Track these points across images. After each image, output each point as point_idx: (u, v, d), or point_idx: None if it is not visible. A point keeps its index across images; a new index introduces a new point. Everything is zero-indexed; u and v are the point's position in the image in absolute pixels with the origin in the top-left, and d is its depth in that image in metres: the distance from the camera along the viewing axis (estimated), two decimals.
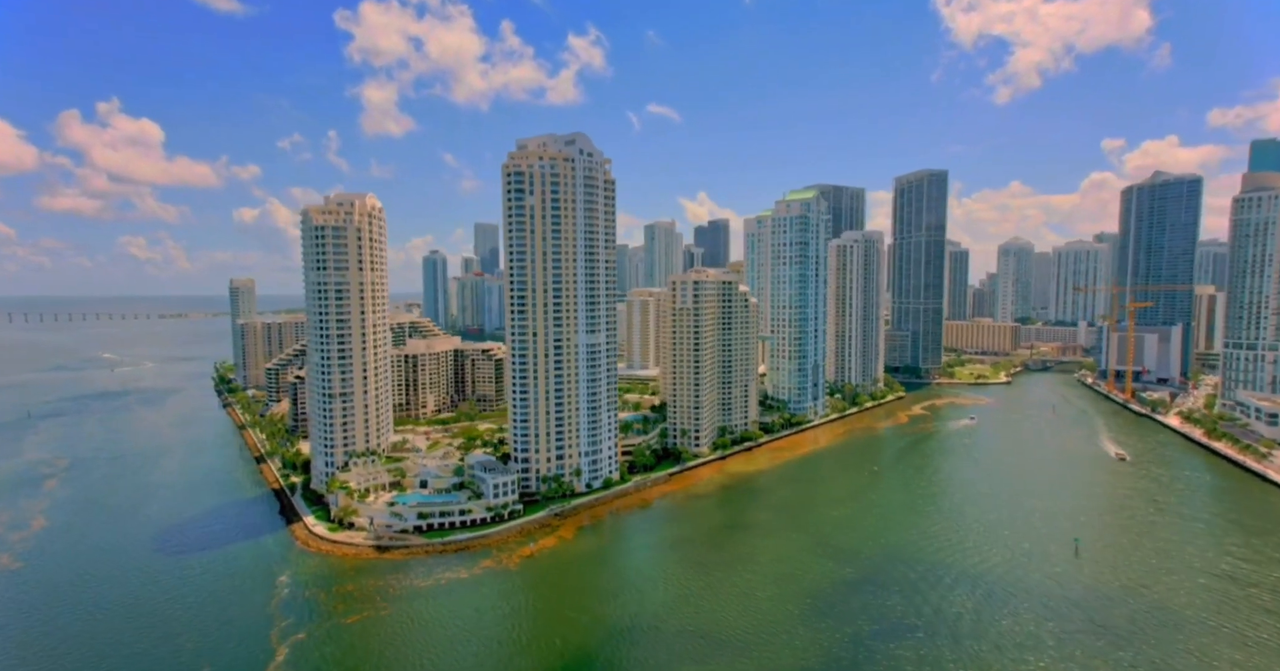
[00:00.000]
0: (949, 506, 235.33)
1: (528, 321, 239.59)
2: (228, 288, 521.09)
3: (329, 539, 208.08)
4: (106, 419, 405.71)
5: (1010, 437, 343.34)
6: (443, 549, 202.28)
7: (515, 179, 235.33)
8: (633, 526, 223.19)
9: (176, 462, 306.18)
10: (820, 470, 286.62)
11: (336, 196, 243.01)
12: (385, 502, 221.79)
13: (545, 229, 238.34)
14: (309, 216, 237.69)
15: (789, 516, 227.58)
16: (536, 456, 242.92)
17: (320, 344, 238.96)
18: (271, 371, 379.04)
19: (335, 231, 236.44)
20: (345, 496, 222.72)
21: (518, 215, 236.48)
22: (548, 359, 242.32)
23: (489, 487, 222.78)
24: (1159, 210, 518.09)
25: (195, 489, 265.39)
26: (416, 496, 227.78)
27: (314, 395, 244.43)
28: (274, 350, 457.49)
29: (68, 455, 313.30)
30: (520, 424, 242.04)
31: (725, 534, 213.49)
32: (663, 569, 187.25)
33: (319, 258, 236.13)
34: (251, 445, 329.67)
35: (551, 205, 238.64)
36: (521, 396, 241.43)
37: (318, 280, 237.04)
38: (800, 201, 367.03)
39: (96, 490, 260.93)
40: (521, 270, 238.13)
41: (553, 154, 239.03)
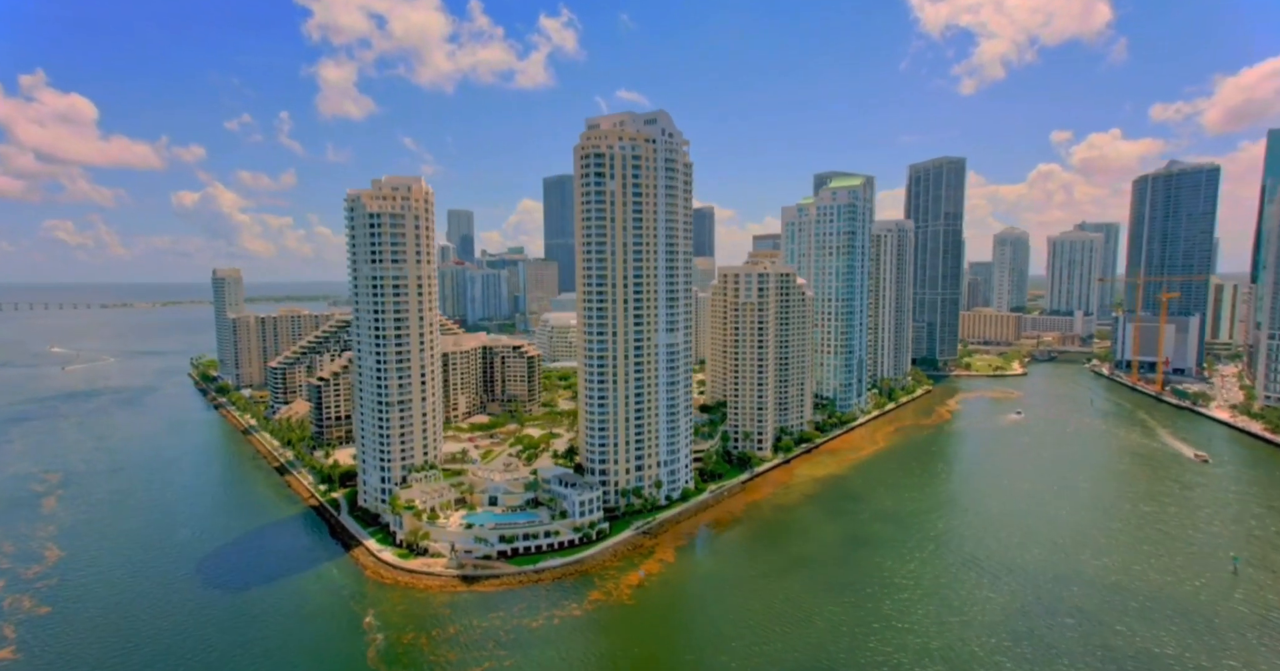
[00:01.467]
0: (1068, 516, 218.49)
1: (607, 320, 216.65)
2: (210, 278, 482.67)
3: (403, 567, 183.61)
4: (84, 423, 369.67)
5: (1068, 435, 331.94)
6: (537, 578, 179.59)
7: (594, 161, 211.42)
8: (736, 544, 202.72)
9: (186, 475, 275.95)
10: (900, 473, 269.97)
11: (389, 181, 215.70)
12: (458, 524, 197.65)
13: (626, 217, 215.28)
14: (360, 203, 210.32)
15: (903, 527, 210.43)
16: (615, 468, 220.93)
17: (375, 346, 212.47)
18: (277, 370, 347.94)
19: (393, 219, 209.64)
20: (412, 517, 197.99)
21: (597, 202, 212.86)
22: (627, 361, 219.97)
23: (573, 505, 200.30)
24: (1175, 199, 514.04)
25: (221, 507, 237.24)
26: (490, 516, 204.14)
27: (366, 403, 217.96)
28: (269, 346, 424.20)
29: (56, 468, 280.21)
30: (598, 432, 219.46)
31: (846, 550, 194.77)
32: (799, 597, 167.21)
33: (374, 249, 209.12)
34: (264, 453, 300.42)
35: (633, 191, 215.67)
36: (599, 402, 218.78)
37: (372, 274, 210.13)
38: (847, 189, 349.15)
39: (107, 511, 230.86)
40: (601, 263, 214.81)
41: (632, 134, 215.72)
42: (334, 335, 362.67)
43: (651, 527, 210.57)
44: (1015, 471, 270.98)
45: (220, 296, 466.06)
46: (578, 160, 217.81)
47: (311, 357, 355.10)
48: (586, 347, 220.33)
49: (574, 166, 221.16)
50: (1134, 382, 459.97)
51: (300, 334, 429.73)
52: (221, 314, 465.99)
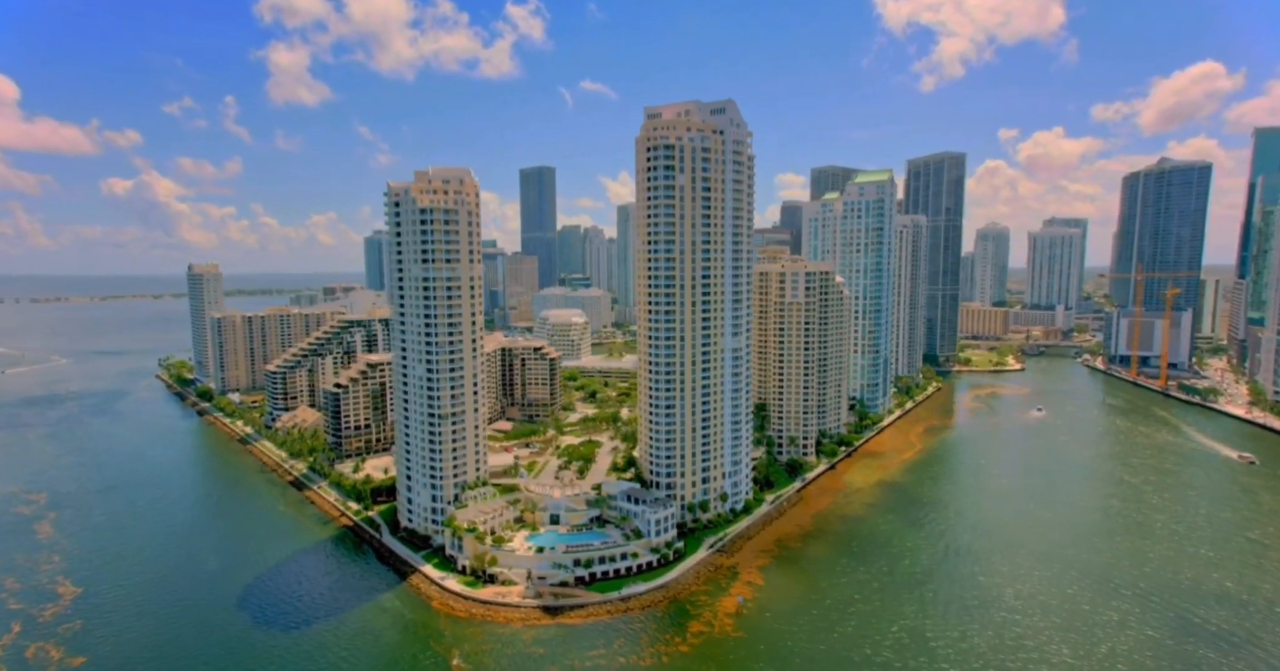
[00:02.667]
0: (1161, 528, 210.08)
1: (675, 324, 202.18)
2: (186, 273, 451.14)
3: (475, 598, 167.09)
4: (56, 434, 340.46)
5: (1099, 433, 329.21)
6: (625, 607, 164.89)
7: (663, 154, 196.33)
8: (824, 562, 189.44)
9: (191, 492, 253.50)
10: (954, 476, 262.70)
11: (437, 172, 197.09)
12: (525, 546, 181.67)
13: (695, 214, 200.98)
14: (410, 197, 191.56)
15: (990, 537, 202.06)
16: (682, 481, 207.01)
17: (426, 354, 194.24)
18: (276, 375, 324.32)
19: (446, 216, 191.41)
20: (474, 540, 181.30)
21: (665, 197, 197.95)
22: (694, 367, 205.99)
23: (648, 524, 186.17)
24: (1167, 196, 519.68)
25: (242, 529, 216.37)
26: (554, 536, 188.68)
27: (414, 415, 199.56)
28: (257, 348, 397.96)
29: (40, 487, 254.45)
30: (664, 444, 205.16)
31: (949, 565, 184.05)
32: (918, 623, 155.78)
33: (425, 247, 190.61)
34: (271, 465, 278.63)
35: (703, 186, 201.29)
36: (666, 411, 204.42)
37: (424, 276, 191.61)
38: (875, 184, 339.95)
39: (113, 537, 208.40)
40: (669, 263, 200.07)
41: (699, 125, 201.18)
42: (335, 336, 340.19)
43: (725, 544, 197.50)
44: (1071, 475, 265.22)
45: (198, 294, 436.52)
46: (641, 152, 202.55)
47: (313, 360, 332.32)
48: (651, 353, 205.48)
49: (636, 158, 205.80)
50: (1134, 378, 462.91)
51: (290, 334, 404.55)
52: (199, 312, 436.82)
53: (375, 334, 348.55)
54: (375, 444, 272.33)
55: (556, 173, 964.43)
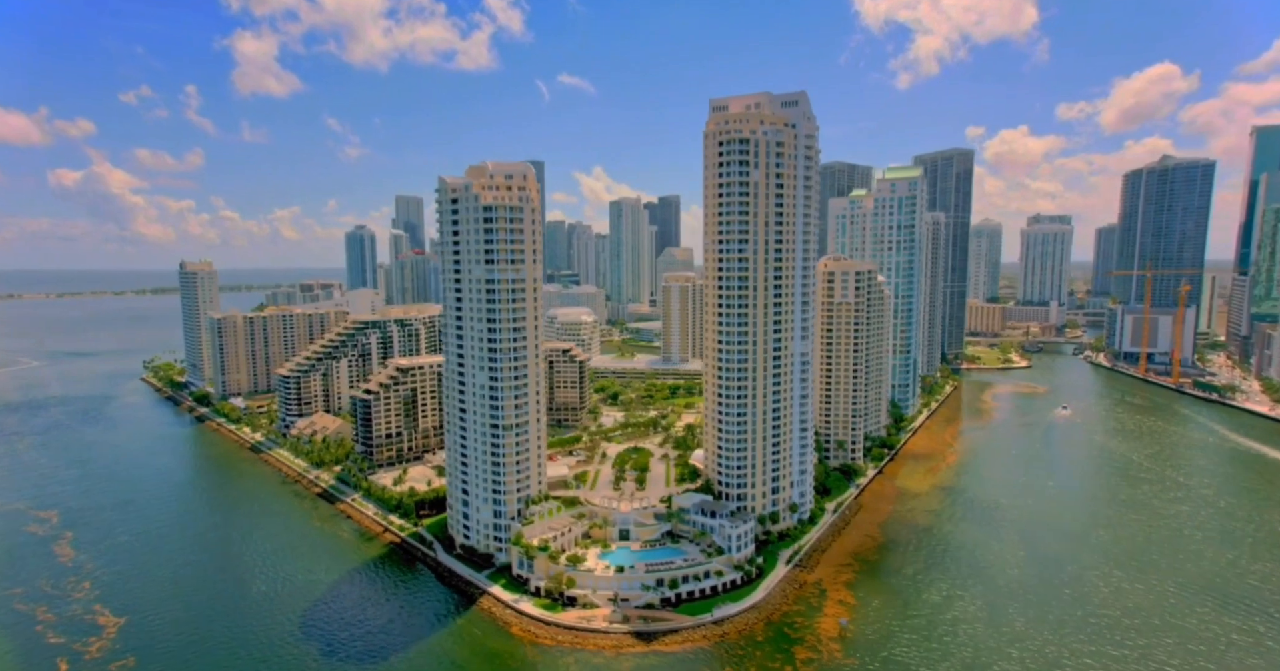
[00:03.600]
0: (1254, 533, 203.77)
1: (747, 327, 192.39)
2: (178, 271, 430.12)
3: (558, 623, 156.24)
4: (49, 444, 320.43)
5: (1131, 433, 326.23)
6: (722, 632, 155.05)
7: (737, 148, 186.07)
8: (913, 576, 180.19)
9: (214, 507, 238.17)
10: (1009, 478, 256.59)
11: (497, 167, 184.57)
12: (603, 566, 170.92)
13: (769, 212, 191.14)
14: (472, 194, 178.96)
15: (1082, 546, 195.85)
16: (753, 491, 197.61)
17: (488, 360, 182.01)
18: (289, 379, 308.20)
19: (511, 214, 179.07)
20: (547, 560, 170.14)
21: (740, 194, 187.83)
22: (765, 373, 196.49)
23: (729, 539, 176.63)
24: (1170, 194, 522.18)
25: (282, 547, 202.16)
26: (627, 553, 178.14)
27: (475, 426, 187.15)
28: (258, 350, 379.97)
29: (48, 503, 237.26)
30: (736, 453, 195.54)
31: (1042, 575, 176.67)
32: (1047, 646, 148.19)
33: (489, 247, 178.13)
34: (292, 475, 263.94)
35: (775, 182, 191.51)
36: (738, 420, 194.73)
37: (488, 278, 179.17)
38: (906, 180, 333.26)
39: (143, 559, 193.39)
40: (742, 263, 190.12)
41: (772, 118, 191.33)
42: (350, 338, 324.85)
43: (802, 558, 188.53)
44: (1122, 477, 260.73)
45: (191, 293, 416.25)
46: (711, 146, 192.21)
47: (328, 364, 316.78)
48: (721, 359, 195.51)
49: (705, 153, 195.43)
50: (1144, 374, 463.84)
51: (293, 335, 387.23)
52: (192, 312, 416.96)
53: (391, 335, 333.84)
54: (407, 452, 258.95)
55: (545, 167, 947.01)
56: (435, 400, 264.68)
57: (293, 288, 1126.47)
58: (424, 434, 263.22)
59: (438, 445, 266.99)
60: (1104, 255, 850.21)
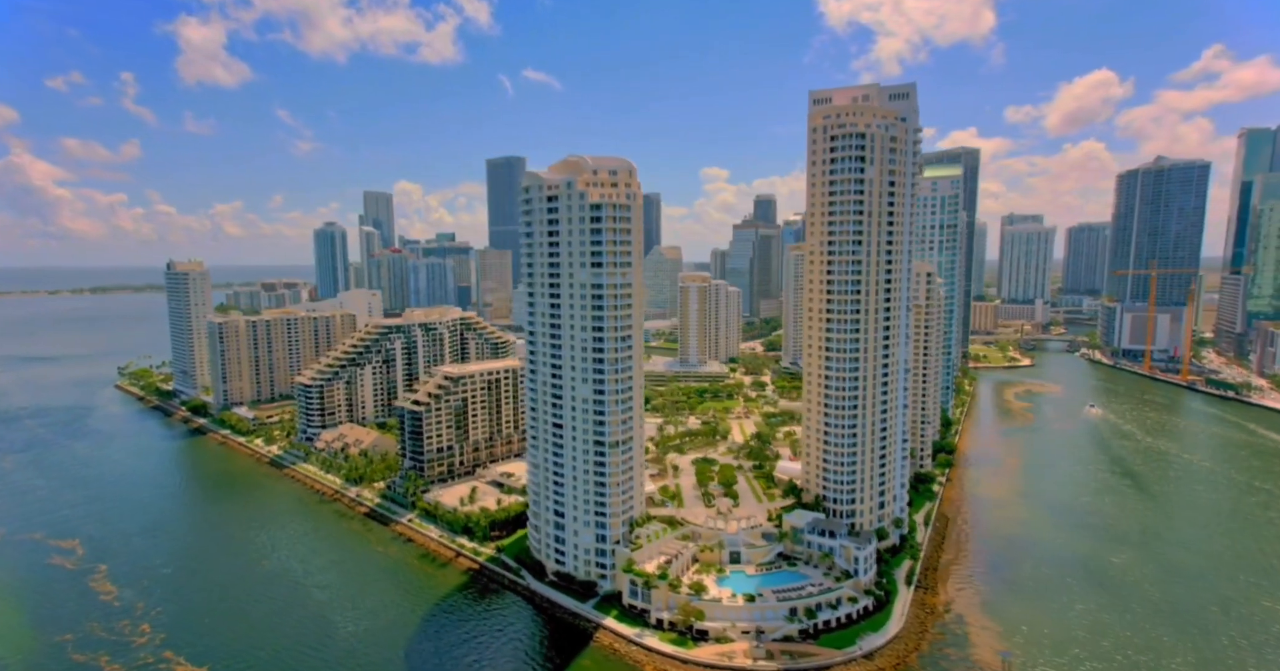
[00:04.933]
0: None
1: (860, 334, 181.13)
2: (165, 271, 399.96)
3: (696, 661, 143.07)
4: (38, 462, 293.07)
5: (1171, 432, 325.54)
6: (877, 668, 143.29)
7: (854, 143, 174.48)
8: (1046, 594, 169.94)
9: (252, 530, 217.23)
10: (1083, 480, 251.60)
11: (597, 162, 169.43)
12: (727, 594, 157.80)
13: (881, 211, 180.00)
14: (576, 190, 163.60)
15: (1205, 555, 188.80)
16: (861, 507, 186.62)
17: (594, 372, 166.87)
18: (311, 388, 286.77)
19: (618, 212, 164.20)
20: (668, 589, 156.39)
21: (855, 192, 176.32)
22: (875, 381, 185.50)
23: (856, 561, 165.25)
24: (1166, 194, 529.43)
25: (351, 578, 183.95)
26: (746, 578, 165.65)
27: (576, 444, 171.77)
28: (261, 356, 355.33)
29: (64, 531, 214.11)
30: (846, 466, 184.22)
31: (1182, 589, 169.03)
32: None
33: (596, 249, 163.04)
34: (327, 493, 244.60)
35: (888, 180, 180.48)
36: (849, 430, 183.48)
37: (594, 281, 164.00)
38: (948, 179, 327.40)
39: (200, 595, 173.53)
40: (856, 266, 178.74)
41: (883, 112, 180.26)
42: (374, 343, 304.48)
43: (919, 578, 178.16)
44: (1193, 478, 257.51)
45: (181, 295, 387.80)
46: (819, 140, 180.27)
47: (351, 371, 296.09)
48: (829, 367, 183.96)
49: (811, 147, 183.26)
50: (1150, 372, 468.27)
51: (298, 340, 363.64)
52: (183, 315, 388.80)
53: (415, 340, 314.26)
54: (459, 467, 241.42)
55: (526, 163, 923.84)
56: (485, 411, 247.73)
57: (253, 286, 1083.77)
58: (474, 447, 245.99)
59: (488, 459, 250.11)
60: (1074, 254, 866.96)
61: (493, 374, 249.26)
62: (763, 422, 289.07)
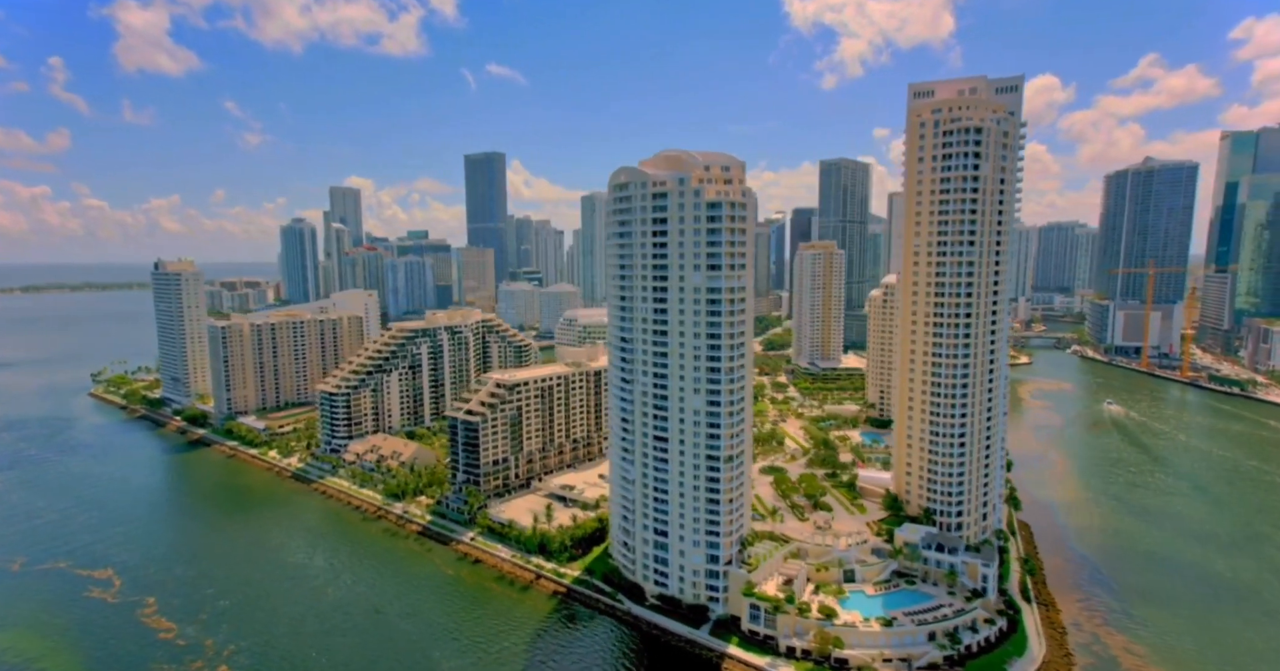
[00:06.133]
0: None
1: (971, 337, 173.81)
2: (152, 272, 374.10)
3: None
4: (32, 481, 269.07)
5: (1201, 429, 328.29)
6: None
7: (970, 138, 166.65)
8: (1175, 606, 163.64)
9: (299, 553, 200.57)
10: (1146, 481, 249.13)
11: (707, 158, 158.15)
12: (857, 617, 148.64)
13: (993, 210, 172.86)
14: (690, 187, 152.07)
15: None
16: (967, 520, 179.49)
17: (707, 382, 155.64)
18: (336, 397, 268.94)
19: (735, 211, 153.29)
20: (796, 615, 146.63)
21: (970, 190, 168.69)
22: (983, 387, 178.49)
23: (981, 578, 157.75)
24: (1157, 195, 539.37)
25: (433, 608, 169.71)
26: (865, 599, 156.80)
27: (685, 459, 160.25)
28: (266, 362, 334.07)
29: (93, 560, 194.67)
30: (955, 477, 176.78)
31: None
32: None
33: (713, 251, 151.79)
34: (368, 509, 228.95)
35: (999, 178, 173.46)
36: (958, 440, 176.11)
37: (710, 285, 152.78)
38: None
39: (270, 628, 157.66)
40: (969, 268, 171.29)
41: (995, 105, 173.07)
42: (400, 348, 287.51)
43: (1031, 592, 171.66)
44: (1257, 477, 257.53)
45: (172, 297, 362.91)
46: (928, 135, 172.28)
47: (378, 378, 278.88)
48: (937, 373, 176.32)
49: (914, 142, 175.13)
50: (1148, 369, 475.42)
51: (304, 345, 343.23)
52: (174, 319, 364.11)
53: (441, 344, 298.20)
54: (513, 480, 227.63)
55: (506, 158, 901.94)
56: (539, 420, 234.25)
57: (212, 285, 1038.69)
58: (528, 458, 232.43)
59: (542, 471, 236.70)
60: (1044, 252, 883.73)
61: (545, 381, 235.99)
62: (813, 427, 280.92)
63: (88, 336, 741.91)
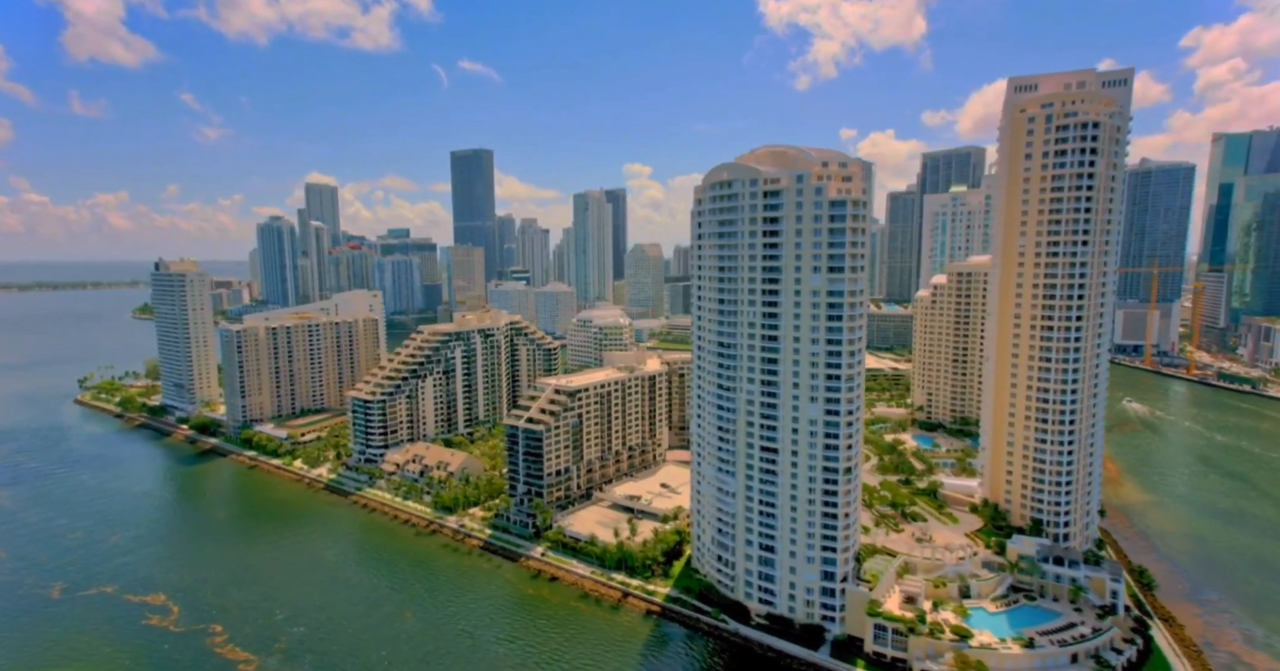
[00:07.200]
0: None
1: (1084, 338, 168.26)
2: (153, 273, 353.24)
3: None
4: (42, 497, 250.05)
5: (1230, 428, 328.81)
6: None
7: (1089, 133, 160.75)
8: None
9: (361, 573, 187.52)
10: (1193, 478, 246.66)
11: (824, 155, 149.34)
12: (991, 638, 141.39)
13: (1104, 209, 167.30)
14: (810, 184, 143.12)
15: None
16: (1073, 530, 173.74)
17: (825, 391, 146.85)
18: (371, 404, 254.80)
19: (857, 210, 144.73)
20: (928, 636, 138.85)
21: (1086, 186, 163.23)
22: (1089, 391, 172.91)
23: (1110, 594, 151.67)
24: (1153, 195, 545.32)
25: (527, 633, 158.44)
26: (988, 616, 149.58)
27: (791, 470, 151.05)
28: (281, 367, 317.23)
29: (142, 585, 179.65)
30: (1064, 486, 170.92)
31: None
32: None
33: (834, 251, 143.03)
34: (419, 522, 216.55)
35: (1110, 175, 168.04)
36: (1067, 447, 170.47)
37: (830, 288, 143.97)
38: None
39: (357, 660, 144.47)
40: (1083, 268, 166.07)
41: (1106, 99, 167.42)
42: (435, 353, 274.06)
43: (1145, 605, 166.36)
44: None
45: (176, 298, 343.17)
46: (1037, 129, 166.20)
47: (413, 384, 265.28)
48: (1046, 375, 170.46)
49: (1019, 137, 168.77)
50: (1151, 367, 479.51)
51: (320, 348, 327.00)
52: (178, 322, 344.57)
53: (474, 348, 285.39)
54: (575, 491, 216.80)
55: (494, 155, 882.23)
56: (599, 428, 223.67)
57: None
58: (588, 468, 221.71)
59: (601, 480, 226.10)
60: None
61: (604, 387, 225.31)
62: (865, 431, 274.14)
63: (51, 339, 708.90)
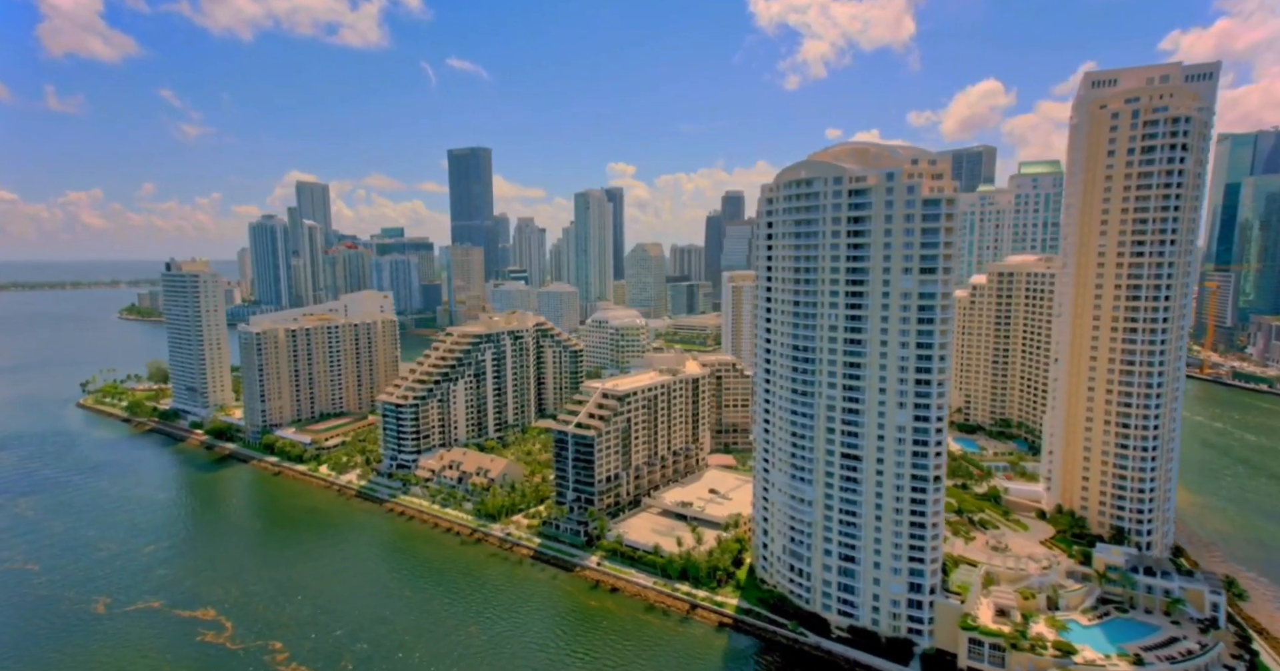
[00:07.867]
0: None
1: (1168, 339, 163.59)
2: (164, 273, 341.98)
3: None
4: (62, 506, 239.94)
5: (1262, 428, 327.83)
6: None
7: (1181, 129, 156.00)
8: None
9: (409, 585, 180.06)
10: (1234, 476, 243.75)
11: (909, 151, 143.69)
12: (1095, 655, 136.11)
13: (1190, 207, 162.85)
14: (901, 183, 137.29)
15: None
16: (1154, 538, 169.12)
17: (914, 396, 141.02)
18: (404, 409, 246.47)
19: (950, 207, 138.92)
20: (1029, 654, 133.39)
21: (1176, 184, 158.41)
22: (1171, 395, 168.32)
23: (1209, 606, 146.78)
24: None
25: (599, 649, 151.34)
26: (1082, 630, 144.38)
27: (875, 478, 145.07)
28: (301, 370, 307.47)
29: (191, 600, 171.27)
30: (1147, 491, 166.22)
31: None
32: None
33: (927, 252, 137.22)
34: (463, 532, 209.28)
35: (1196, 172, 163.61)
36: (1150, 452, 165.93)
37: (922, 290, 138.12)
38: (1048, 175, 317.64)
39: None
40: (1170, 269, 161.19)
41: (1193, 94, 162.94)
42: (466, 356, 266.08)
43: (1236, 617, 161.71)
44: None
45: (189, 299, 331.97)
46: (1124, 126, 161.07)
47: (445, 387, 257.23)
48: (1126, 382, 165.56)
49: (1100, 132, 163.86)
50: None
51: (339, 350, 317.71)
52: (190, 323, 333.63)
53: (504, 351, 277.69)
54: (624, 498, 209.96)
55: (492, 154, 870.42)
56: (646, 432, 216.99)
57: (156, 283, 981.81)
58: (636, 474, 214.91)
59: (649, 487, 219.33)
60: None
61: (651, 390, 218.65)
62: None
63: (37, 341, 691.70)
